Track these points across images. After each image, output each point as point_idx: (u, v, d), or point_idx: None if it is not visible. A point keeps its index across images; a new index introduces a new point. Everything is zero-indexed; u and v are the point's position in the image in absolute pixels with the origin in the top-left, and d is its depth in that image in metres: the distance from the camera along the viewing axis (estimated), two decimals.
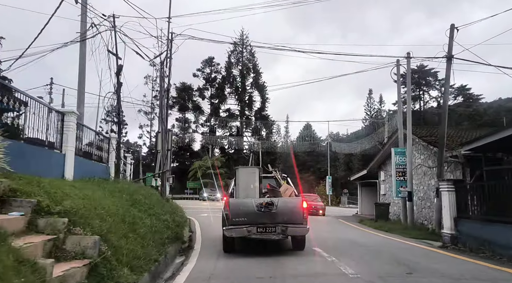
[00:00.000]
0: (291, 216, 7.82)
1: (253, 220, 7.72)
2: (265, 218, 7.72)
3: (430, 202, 15.37)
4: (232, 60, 57.47)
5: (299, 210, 7.93)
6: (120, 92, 12.03)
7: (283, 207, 7.85)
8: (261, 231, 7.73)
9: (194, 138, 61.27)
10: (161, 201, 10.44)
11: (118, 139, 11.96)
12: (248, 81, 56.94)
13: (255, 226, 7.70)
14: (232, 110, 57.56)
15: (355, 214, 25.24)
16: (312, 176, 68.98)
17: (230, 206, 7.86)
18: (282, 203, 7.92)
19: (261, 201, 7.91)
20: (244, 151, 57.11)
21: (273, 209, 7.73)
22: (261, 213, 7.71)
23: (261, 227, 7.73)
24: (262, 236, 7.74)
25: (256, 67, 56.76)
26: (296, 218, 7.84)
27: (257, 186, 8.73)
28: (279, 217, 7.75)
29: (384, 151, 19.94)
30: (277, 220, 7.74)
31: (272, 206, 7.75)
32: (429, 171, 15.61)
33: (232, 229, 7.78)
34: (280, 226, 7.71)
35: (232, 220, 7.75)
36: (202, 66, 59.66)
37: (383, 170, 20.95)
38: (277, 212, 7.74)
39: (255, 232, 7.70)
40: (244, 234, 7.72)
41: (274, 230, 7.72)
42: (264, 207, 7.71)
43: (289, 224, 7.76)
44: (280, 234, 7.74)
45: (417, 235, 12.80)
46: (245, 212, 7.79)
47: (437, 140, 14.83)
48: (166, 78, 13.05)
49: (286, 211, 7.82)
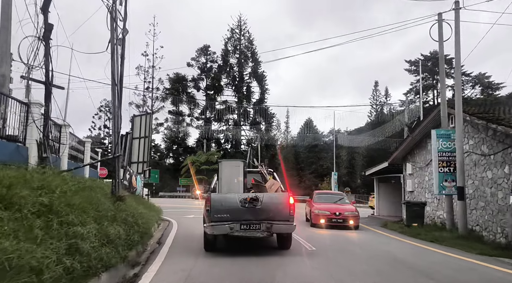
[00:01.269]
0: (276, 212, 7.46)
1: (236, 217, 7.34)
2: (249, 214, 7.35)
3: (485, 201, 11.46)
4: (229, 47, 53.41)
5: (285, 206, 7.54)
6: (50, 37, 8.08)
7: (269, 202, 7.47)
8: (245, 228, 7.34)
9: (189, 132, 57.35)
10: (106, 206, 6.47)
11: (45, 106, 7.89)
12: (247, 70, 52.96)
13: (238, 223, 7.31)
14: (229, 102, 53.59)
15: (371, 216, 21.34)
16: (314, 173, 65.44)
17: (211, 202, 7.38)
18: (267, 198, 7.54)
19: (245, 196, 7.50)
20: (242, 145, 53.22)
21: (257, 205, 7.36)
22: (245, 209, 7.34)
23: (244, 224, 7.34)
24: (245, 233, 7.36)
25: (255, 55, 52.77)
26: (282, 215, 7.49)
27: (241, 181, 8.40)
28: (264, 214, 7.39)
29: (413, 139, 16.00)
30: (261, 217, 7.38)
31: (256, 201, 7.38)
32: (483, 160, 11.68)
33: (214, 226, 7.32)
34: (265, 223, 7.35)
35: (214, 216, 7.33)
36: (197, 54, 55.62)
37: (410, 162, 17.02)
38: (262, 208, 7.38)
39: (238, 229, 7.31)
40: (226, 231, 7.30)
41: (259, 227, 7.35)
42: (248, 203, 7.34)
43: (275, 221, 7.39)
44: (265, 232, 7.37)
45: (484, 250, 8.90)
46: (228, 208, 7.37)
47: (500, 117, 10.89)
48: (122, 22, 8.89)
49: (271, 207, 7.45)
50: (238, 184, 8.31)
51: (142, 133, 17.58)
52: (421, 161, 16.01)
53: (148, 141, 17.34)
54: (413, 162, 16.80)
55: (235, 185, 8.29)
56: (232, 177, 8.41)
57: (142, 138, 17.56)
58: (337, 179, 40.52)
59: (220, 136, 53.42)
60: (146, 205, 12.88)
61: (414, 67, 44.11)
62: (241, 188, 8.28)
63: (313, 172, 66.49)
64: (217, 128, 53.76)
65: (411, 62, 43.67)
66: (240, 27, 53.09)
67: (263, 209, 7.36)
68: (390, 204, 21.00)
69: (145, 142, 17.42)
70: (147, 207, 12.59)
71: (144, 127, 17.61)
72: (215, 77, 52.43)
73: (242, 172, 8.49)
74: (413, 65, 43.99)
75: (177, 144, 57.41)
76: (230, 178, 8.41)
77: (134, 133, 18.12)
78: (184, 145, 56.01)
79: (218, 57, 54.86)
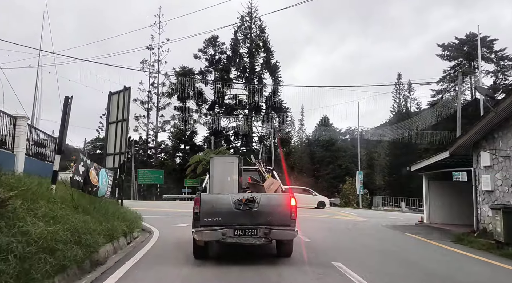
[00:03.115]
0: (276, 215, 6.51)
1: (229, 221, 6.44)
2: (244, 218, 6.44)
3: None
4: (239, 37, 49.06)
5: (286, 209, 6.57)
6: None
7: (267, 204, 6.55)
8: (239, 233, 6.41)
9: (196, 129, 53.15)
10: None
11: None
12: (258, 61, 48.49)
13: (231, 228, 6.39)
14: (240, 96, 49.21)
15: (419, 223, 16.56)
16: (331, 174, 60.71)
17: (201, 203, 6.45)
18: (265, 199, 6.60)
19: (240, 197, 6.59)
20: (254, 143, 48.76)
21: (254, 207, 6.46)
22: (239, 212, 6.44)
23: (239, 229, 6.41)
24: (240, 240, 6.40)
25: (267, 44, 48.26)
26: (282, 219, 6.52)
27: (235, 179, 7.37)
28: (262, 217, 6.47)
29: (496, 116, 11.21)
30: (259, 221, 6.45)
31: (253, 203, 6.48)
32: None
33: (203, 232, 6.39)
34: (262, 228, 6.39)
35: (204, 220, 6.42)
36: (205, 45, 51.40)
37: (487, 150, 12.23)
38: (259, 211, 6.47)
39: (231, 235, 6.38)
40: (218, 238, 6.38)
41: (255, 232, 6.40)
42: (244, 205, 6.44)
43: (274, 226, 6.44)
44: (262, 238, 6.38)
45: None
46: (220, 210, 6.48)
47: None
48: None
49: (270, 209, 6.53)
50: (232, 183, 7.37)
51: (120, 115, 13.27)
52: (507, 148, 11.23)
53: (126, 126, 12.99)
54: (492, 149, 11.98)
55: (228, 184, 7.34)
56: (225, 175, 7.46)
57: (120, 122, 13.25)
58: (362, 179, 35.61)
59: (230, 133, 49.08)
60: (109, 213, 8.49)
61: (447, 52, 38.86)
62: (235, 188, 7.33)
63: (330, 172, 61.79)
64: (226, 124, 49.41)
65: (445, 46, 38.43)
66: (250, 14, 48.79)
67: (260, 212, 6.52)
68: (447, 208, 16.19)
69: (122, 127, 13.10)
70: (109, 216, 8.20)
71: (122, 107, 13.30)
72: (224, 69, 48.13)
73: (237, 169, 7.48)
74: (447, 50, 38.74)
75: (184, 143, 53.28)
76: (223, 176, 7.46)
77: (111, 117, 13.80)
78: (191, 143, 51.79)
79: (227, 48, 50.63)
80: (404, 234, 13.00)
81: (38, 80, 21.24)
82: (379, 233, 13.48)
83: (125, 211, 10.76)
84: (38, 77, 21.38)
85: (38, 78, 21.14)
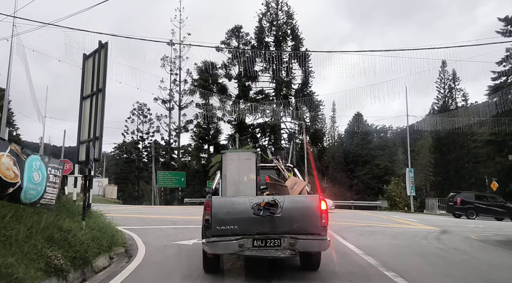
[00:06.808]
0: (303, 222, 5.32)
1: (247, 229, 5.24)
2: (265, 225, 5.24)
3: None
4: (264, 24, 44.83)
5: (315, 214, 5.33)
6: None
7: (292, 209, 5.33)
8: (260, 245, 5.16)
9: (220, 128, 49.27)
10: None
11: None
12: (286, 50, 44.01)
13: (250, 238, 5.18)
14: (266, 90, 44.92)
15: None
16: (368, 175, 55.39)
17: (212, 208, 5.25)
18: (289, 203, 5.37)
19: (259, 200, 5.34)
20: (283, 140, 44.26)
21: (276, 212, 5.22)
22: (259, 218, 5.23)
23: (259, 240, 5.19)
24: (261, 253, 5.10)
25: (296, 31, 43.73)
26: (311, 226, 5.33)
27: (253, 179, 6.04)
28: (286, 224, 5.26)
29: None
30: (282, 229, 5.25)
31: (275, 207, 5.25)
32: None
33: (216, 243, 5.18)
34: (287, 237, 5.19)
35: (216, 229, 5.19)
36: (227, 37, 47.53)
37: None
38: (282, 217, 5.24)
39: (250, 246, 5.16)
40: (234, 250, 5.14)
41: (279, 243, 5.17)
42: (264, 210, 5.21)
43: (301, 235, 5.23)
44: (288, 250, 5.12)
45: None
46: (236, 216, 5.25)
47: None
48: None
49: (295, 215, 5.33)
50: (250, 183, 5.98)
51: (95, 85, 9.20)
52: None
53: (102, 99, 8.87)
54: None
55: (245, 185, 5.99)
56: (241, 174, 6.06)
57: (95, 95, 9.18)
58: (413, 178, 30.24)
59: (256, 130, 44.81)
60: (36, 234, 4.35)
61: (510, 27, 32.83)
62: (253, 189, 5.93)
63: (367, 172, 56.37)
64: (251, 121, 45.20)
65: (508, 19, 32.46)
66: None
67: (284, 218, 5.26)
68: None
69: (98, 101, 9.00)
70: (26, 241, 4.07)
71: (97, 73, 9.23)
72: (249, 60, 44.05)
73: (255, 167, 6.04)
74: (510, 25, 32.75)
75: (207, 142, 49.55)
76: (239, 175, 6.06)
77: (85, 89, 9.73)
78: (214, 143, 47.96)
79: (251, 39, 46.53)
80: None
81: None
82: (494, 257, 8.68)
83: (91, 225, 6.62)
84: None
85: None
